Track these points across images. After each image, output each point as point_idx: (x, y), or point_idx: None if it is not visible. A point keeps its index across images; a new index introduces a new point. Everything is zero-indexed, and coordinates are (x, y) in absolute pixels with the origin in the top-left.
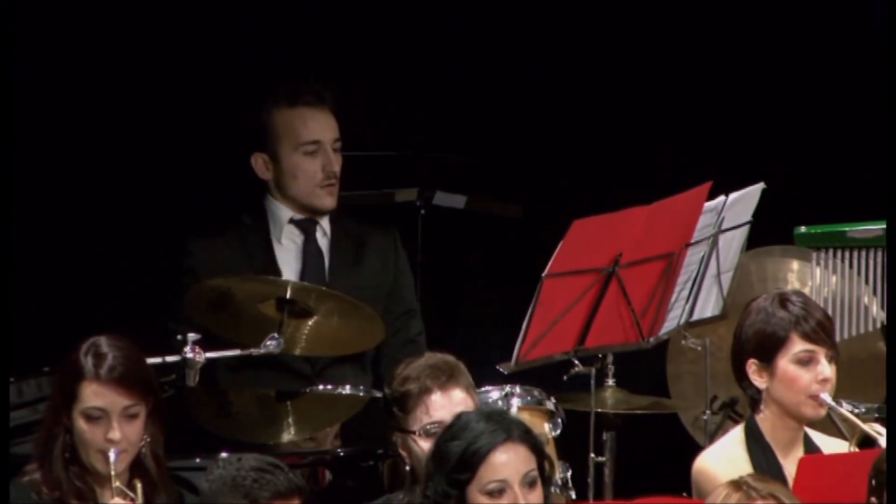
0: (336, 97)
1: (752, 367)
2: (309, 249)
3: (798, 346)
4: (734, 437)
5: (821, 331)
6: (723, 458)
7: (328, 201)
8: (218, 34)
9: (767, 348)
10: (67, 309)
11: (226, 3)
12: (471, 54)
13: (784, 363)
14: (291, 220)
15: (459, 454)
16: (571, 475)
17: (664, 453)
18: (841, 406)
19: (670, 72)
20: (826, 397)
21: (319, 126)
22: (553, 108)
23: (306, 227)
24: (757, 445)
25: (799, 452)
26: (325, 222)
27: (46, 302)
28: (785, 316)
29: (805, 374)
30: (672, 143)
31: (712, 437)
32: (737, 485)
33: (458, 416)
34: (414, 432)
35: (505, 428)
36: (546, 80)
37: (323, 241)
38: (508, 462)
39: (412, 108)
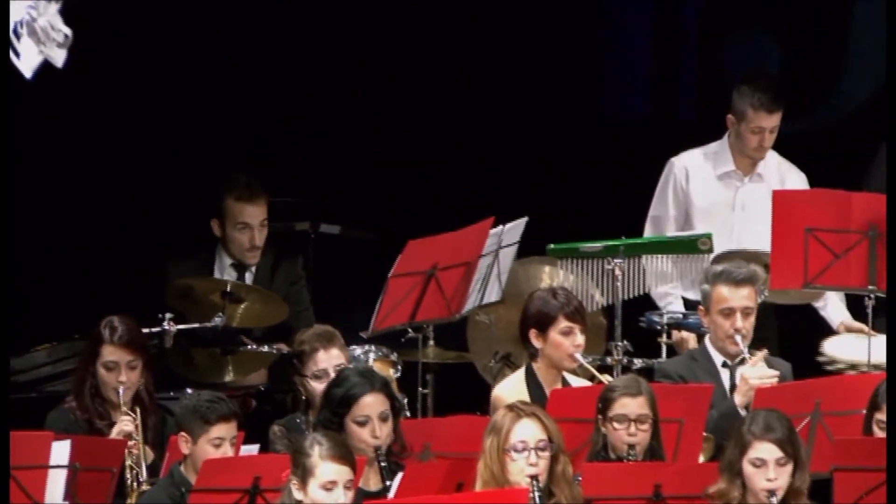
0: (267, 185)
1: (532, 333)
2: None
3: (563, 322)
4: (518, 377)
5: (577, 314)
6: (510, 390)
7: (252, 260)
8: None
9: (544, 323)
10: (86, 296)
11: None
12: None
13: (553, 333)
14: (231, 265)
15: (340, 396)
16: (407, 402)
17: (465, 388)
18: (584, 358)
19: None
20: (578, 356)
21: (251, 214)
22: (397, 162)
23: (240, 271)
24: (533, 383)
25: (558, 388)
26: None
27: (72, 291)
28: (555, 303)
29: (566, 341)
30: (469, 188)
31: (495, 378)
32: (511, 406)
33: (342, 371)
34: (307, 376)
35: (371, 381)
36: (393, 141)
37: (248, 278)
38: (371, 404)
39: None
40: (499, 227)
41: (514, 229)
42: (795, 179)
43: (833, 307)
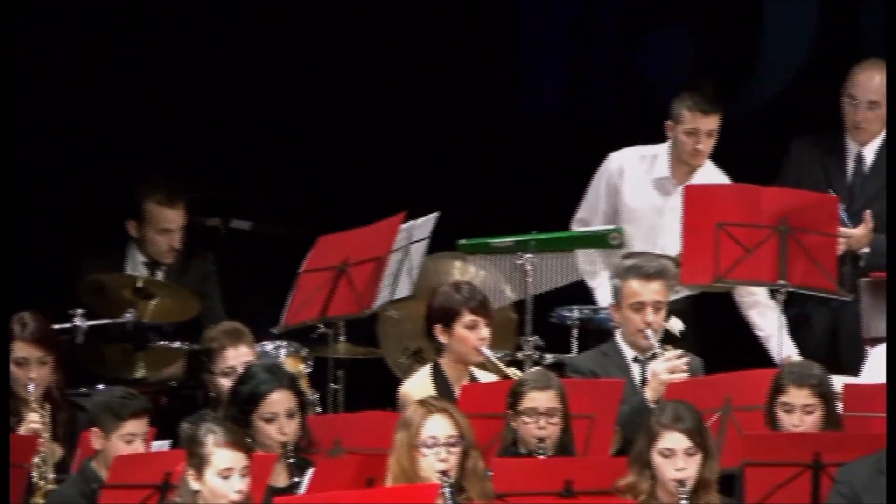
0: (185, 189)
1: (437, 329)
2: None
3: (468, 317)
4: (425, 372)
5: (482, 307)
6: (417, 386)
7: (168, 260)
8: None
9: (448, 317)
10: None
11: None
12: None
13: (459, 328)
14: (143, 263)
15: (247, 393)
16: (318, 397)
17: (376, 383)
18: (491, 354)
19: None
20: (484, 350)
21: (172, 219)
22: (308, 157)
23: (151, 269)
24: (439, 379)
25: (465, 382)
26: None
27: None
28: (459, 297)
29: (471, 335)
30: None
31: (405, 374)
32: (422, 402)
33: (249, 367)
34: (216, 373)
35: (277, 378)
36: (304, 136)
37: (160, 276)
38: (278, 401)
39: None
40: (409, 223)
41: (425, 225)
42: None
43: (776, 340)
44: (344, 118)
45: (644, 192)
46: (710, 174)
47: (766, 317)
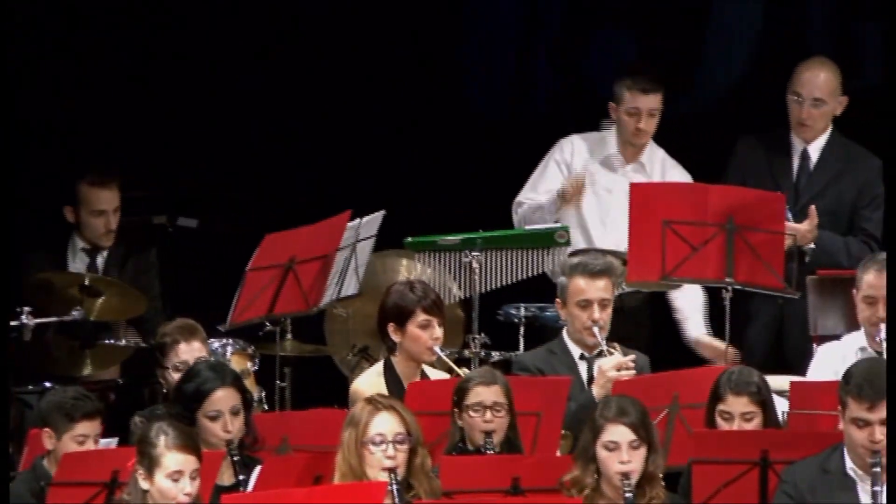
0: (121, 172)
1: (391, 327)
2: (91, 262)
3: (421, 316)
4: (377, 370)
5: (435, 307)
6: (369, 384)
7: (106, 243)
8: None
9: (402, 316)
10: None
11: None
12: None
13: (411, 327)
14: (82, 249)
15: (192, 391)
16: (265, 395)
17: (323, 381)
18: (443, 353)
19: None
20: (437, 349)
21: (105, 200)
22: (254, 154)
23: (92, 255)
24: (391, 377)
25: (417, 380)
26: (104, 251)
27: None
28: (413, 296)
29: (424, 334)
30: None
31: (352, 372)
32: (369, 399)
33: (193, 365)
34: (168, 368)
35: (222, 376)
36: (250, 133)
37: (100, 262)
38: (223, 399)
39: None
40: (356, 221)
41: (372, 222)
42: (677, 177)
43: (693, 322)
44: (291, 116)
45: (593, 168)
46: (658, 156)
47: (686, 299)
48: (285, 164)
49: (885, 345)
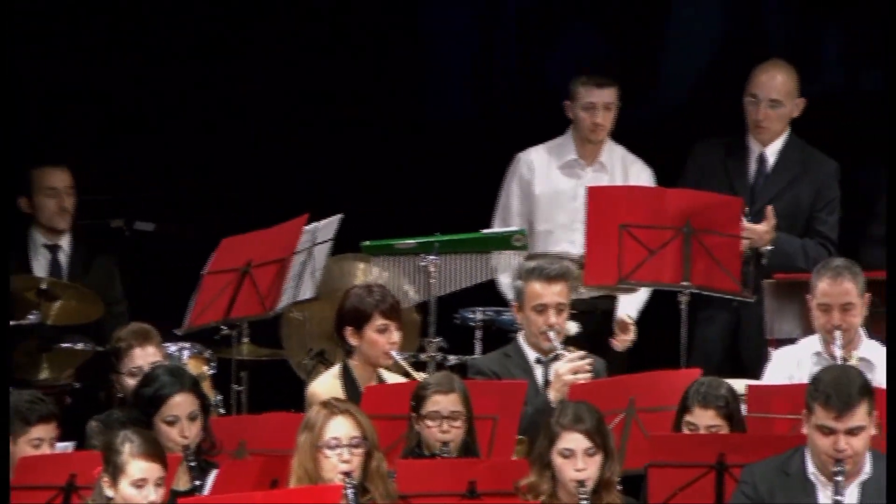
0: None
1: (348, 331)
2: (54, 265)
3: (379, 320)
4: (334, 374)
5: (393, 311)
6: (326, 387)
7: (62, 224)
8: None
9: (359, 320)
10: None
11: None
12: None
13: (369, 331)
14: (43, 245)
15: (149, 396)
16: (221, 399)
17: (279, 385)
18: (401, 357)
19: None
20: (394, 353)
21: (57, 179)
22: (211, 158)
23: (53, 250)
24: (348, 380)
25: (373, 384)
26: (65, 247)
27: None
28: (370, 300)
29: (382, 338)
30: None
31: (309, 375)
32: (325, 403)
33: (152, 370)
34: (123, 373)
35: (180, 380)
36: (206, 137)
37: (63, 259)
38: (180, 404)
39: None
40: (313, 224)
41: (329, 226)
42: (640, 172)
43: (626, 301)
44: (248, 119)
45: (555, 179)
46: (618, 154)
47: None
48: (242, 168)
49: (839, 352)
